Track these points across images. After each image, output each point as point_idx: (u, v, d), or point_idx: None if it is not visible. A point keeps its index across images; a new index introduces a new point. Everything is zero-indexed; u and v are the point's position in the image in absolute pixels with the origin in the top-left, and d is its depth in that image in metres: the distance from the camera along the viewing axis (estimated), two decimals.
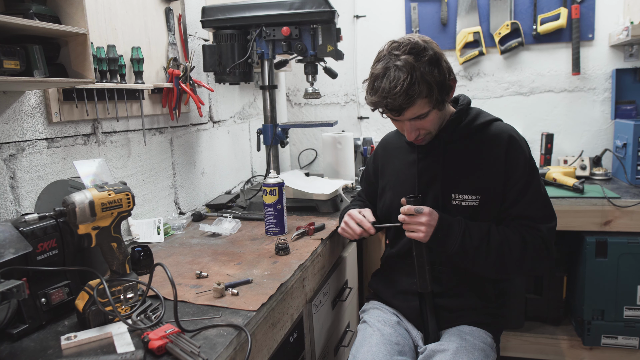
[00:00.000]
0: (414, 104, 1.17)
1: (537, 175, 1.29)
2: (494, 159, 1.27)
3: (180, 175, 1.84)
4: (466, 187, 1.28)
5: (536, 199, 1.26)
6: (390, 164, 1.47)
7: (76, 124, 1.35)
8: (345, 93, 2.85)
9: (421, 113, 1.20)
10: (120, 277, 0.98)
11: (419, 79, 1.14)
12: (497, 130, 1.30)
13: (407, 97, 1.15)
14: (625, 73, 2.37)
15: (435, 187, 1.32)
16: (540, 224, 1.25)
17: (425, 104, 1.18)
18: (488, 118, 1.32)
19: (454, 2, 2.54)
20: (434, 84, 1.16)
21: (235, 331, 0.92)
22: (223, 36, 1.77)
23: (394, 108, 1.18)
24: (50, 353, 0.86)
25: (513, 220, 1.27)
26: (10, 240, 0.89)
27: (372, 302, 1.49)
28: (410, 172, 1.37)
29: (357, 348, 1.29)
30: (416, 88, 1.14)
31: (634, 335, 2.00)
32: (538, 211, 1.26)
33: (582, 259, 2.02)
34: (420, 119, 1.22)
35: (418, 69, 1.14)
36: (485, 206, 1.27)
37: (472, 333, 1.29)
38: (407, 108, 1.17)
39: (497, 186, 1.27)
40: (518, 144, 1.28)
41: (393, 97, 1.15)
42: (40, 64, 1.03)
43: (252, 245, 1.46)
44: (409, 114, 1.19)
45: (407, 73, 1.14)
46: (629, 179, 2.15)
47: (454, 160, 1.31)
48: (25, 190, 1.20)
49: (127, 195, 0.97)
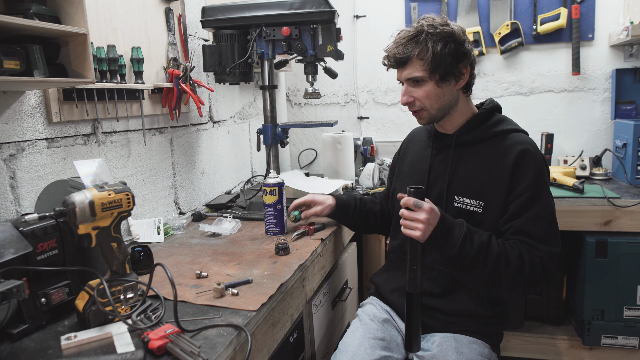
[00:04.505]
0: (410, 60, 1.24)
1: (547, 194, 1.23)
2: (502, 168, 1.23)
3: (180, 175, 1.84)
4: (470, 191, 1.26)
5: (541, 217, 1.19)
6: (407, 156, 1.50)
7: (76, 124, 1.35)
8: (345, 93, 2.85)
9: (416, 75, 1.25)
10: (120, 277, 0.98)
11: (422, 41, 1.22)
12: (514, 140, 1.26)
13: (404, 51, 1.24)
14: (625, 73, 2.37)
15: (441, 185, 1.32)
16: (540, 244, 1.18)
17: (420, 67, 1.24)
18: (509, 127, 1.29)
19: (454, 2, 2.54)
20: (434, 53, 1.21)
21: (235, 331, 0.92)
22: (223, 36, 1.77)
23: (394, 58, 1.27)
24: (50, 353, 0.86)
25: (513, 235, 1.21)
26: (10, 240, 0.89)
27: (370, 298, 1.50)
28: (422, 166, 1.40)
29: (342, 341, 1.33)
30: (414, 46, 1.23)
31: (634, 335, 2.00)
32: (540, 229, 1.19)
33: (582, 259, 2.02)
34: (415, 84, 1.27)
35: (427, 34, 1.22)
36: (487, 215, 1.24)
37: (470, 346, 1.25)
38: (404, 62, 1.25)
39: (499, 196, 1.22)
40: (531, 157, 1.22)
41: (395, 47, 1.26)
42: (40, 64, 1.03)
43: (252, 245, 1.46)
44: (406, 71, 1.27)
45: (417, 31, 1.24)
46: (629, 179, 2.15)
47: (465, 162, 1.29)
48: (25, 190, 1.20)
49: (127, 195, 0.97)
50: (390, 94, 2.77)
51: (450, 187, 1.30)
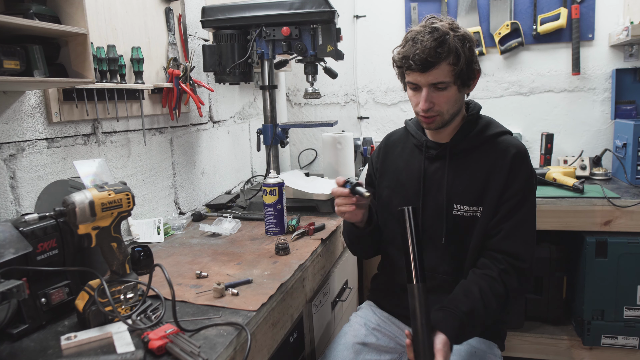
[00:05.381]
0: (439, 64, 1.17)
1: (534, 197, 1.27)
2: (499, 172, 1.24)
3: (180, 175, 1.84)
4: (468, 199, 1.26)
5: (528, 219, 1.23)
6: (392, 163, 1.43)
7: (76, 124, 1.35)
8: (345, 93, 2.85)
9: (443, 80, 1.18)
10: (120, 277, 0.98)
11: (450, 44, 1.16)
12: (506, 144, 1.27)
13: (435, 54, 1.15)
14: (625, 73, 2.37)
15: (439, 197, 1.29)
16: (520, 261, 1.20)
17: (449, 72, 1.18)
18: (498, 130, 1.30)
19: (454, 2, 2.54)
20: (462, 55, 1.17)
21: (235, 331, 0.92)
22: (223, 36, 1.77)
23: (421, 61, 1.16)
24: (50, 353, 0.86)
25: (496, 252, 1.22)
26: (10, 240, 0.89)
27: (367, 302, 1.51)
28: (413, 176, 1.34)
29: (328, 347, 1.35)
30: (445, 48, 1.15)
31: (634, 335, 2.00)
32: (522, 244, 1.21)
33: (582, 259, 2.02)
34: (438, 90, 1.20)
35: (452, 36, 1.17)
36: (485, 217, 1.24)
37: (478, 345, 1.28)
38: (432, 66, 1.16)
39: (495, 199, 1.24)
40: (524, 160, 1.25)
41: (422, 49, 1.15)
42: (40, 64, 1.03)
43: (252, 245, 1.46)
44: (431, 76, 1.18)
45: (442, 34, 1.16)
46: (629, 179, 2.15)
47: (461, 171, 1.29)
48: (25, 190, 1.20)
49: (127, 195, 0.97)
50: (390, 94, 2.77)
51: (449, 196, 1.28)
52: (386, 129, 2.80)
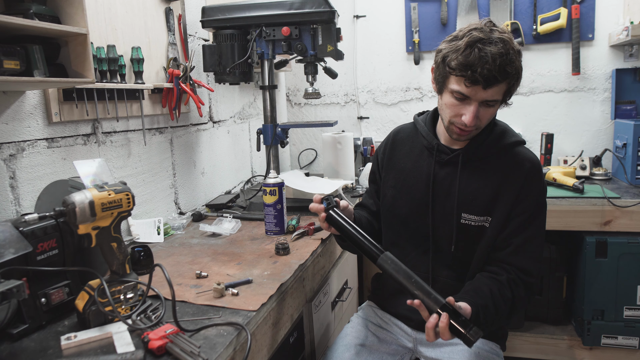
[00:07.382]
0: (503, 81, 1.09)
1: (545, 213, 1.23)
2: (512, 184, 1.20)
3: (180, 175, 1.84)
4: (478, 208, 1.22)
5: (537, 235, 1.21)
6: (398, 161, 1.36)
7: (76, 124, 1.35)
8: (345, 93, 2.85)
9: (497, 99, 1.12)
10: (120, 277, 0.98)
11: (516, 63, 1.09)
12: (522, 157, 1.23)
13: (503, 72, 1.06)
14: (625, 73, 2.37)
15: (448, 203, 1.25)
16: (528, 276, 1.19)
17: (504, 90, 1.12)
18: (513, 139, 1.25)
19: (454, 2, 2.54)
20: (520, 71, 1.11)
21: (235, 331, 0.92)
22: (223, 36, 1.77)
23: (487, 78, 1.06)
24: (50, 353, 0.86)
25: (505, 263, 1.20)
26: (10, 240, 0.89)
27: (367, 303, 1.50)
28: (421, 179, 1.29)
29: (330, 348, 1.35)
30: (513, 67, 1.08)
31: (634, 335, 2.00)
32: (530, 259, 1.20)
33: (582, 259, 2.02)
34: (487, 106, 1.13)
35: (516, 52, 1.09)
36: (494, 228, 1.21)
37: (481, 346, 1.28)
38: (496, 83, 1.08)
39: (506, 211, 1.21)
40: (538, 175, 1.22)
41: (492, 64, 1.05)
42: (40, 64, 1.03)
43: (252, 245, 1.46)
44: (489, 93, 1.10)
45: (507, 49, 1.07)
46: (629, 179, 2.15)
47: (473, 179, 1.24)
48: (25, 190, 1.20)
49: (127, 195, 0.97)
50: (390, 94, 2.77)
51: (458, 204, 1.24)
52: (386, 129, 2.80)
